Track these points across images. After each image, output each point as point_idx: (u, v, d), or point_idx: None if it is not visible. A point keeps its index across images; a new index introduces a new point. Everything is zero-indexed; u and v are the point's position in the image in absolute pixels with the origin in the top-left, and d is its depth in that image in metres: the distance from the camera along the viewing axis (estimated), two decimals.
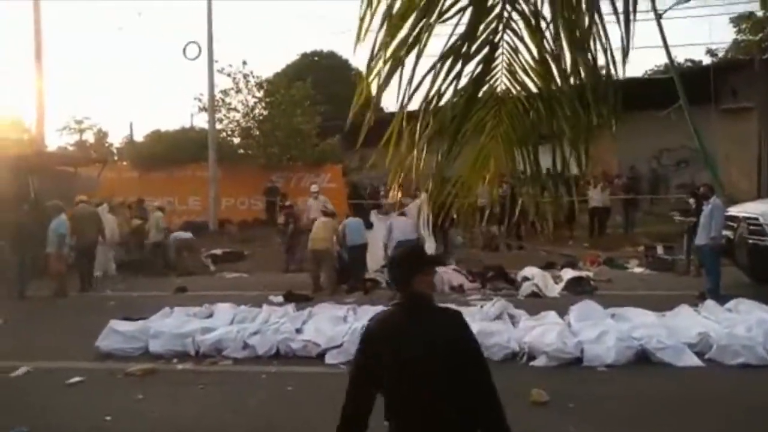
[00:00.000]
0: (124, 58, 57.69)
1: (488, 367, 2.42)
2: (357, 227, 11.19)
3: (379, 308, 7.97)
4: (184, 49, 19.48)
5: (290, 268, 12.98)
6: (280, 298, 9.73)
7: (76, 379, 6.24)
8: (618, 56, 2.35)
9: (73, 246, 11.76)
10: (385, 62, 2.37)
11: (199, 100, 19.61)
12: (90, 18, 47.79)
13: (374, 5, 2.34)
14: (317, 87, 20.64)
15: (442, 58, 2.42)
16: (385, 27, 2.34)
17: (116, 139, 31.20)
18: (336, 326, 7.39)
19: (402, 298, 2.52)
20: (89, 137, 29.12)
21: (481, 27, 2.48)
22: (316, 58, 28.59)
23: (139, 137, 26.84)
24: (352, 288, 10.63)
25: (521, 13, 2.53)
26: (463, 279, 10.61)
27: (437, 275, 10.75)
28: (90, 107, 77.47)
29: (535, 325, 7.07)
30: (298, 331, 7.29)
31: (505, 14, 2.51)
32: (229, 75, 19.43)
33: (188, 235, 14.27)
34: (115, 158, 25.43)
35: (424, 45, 2.33)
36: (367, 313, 7.78)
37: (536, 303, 8.86)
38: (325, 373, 6.38)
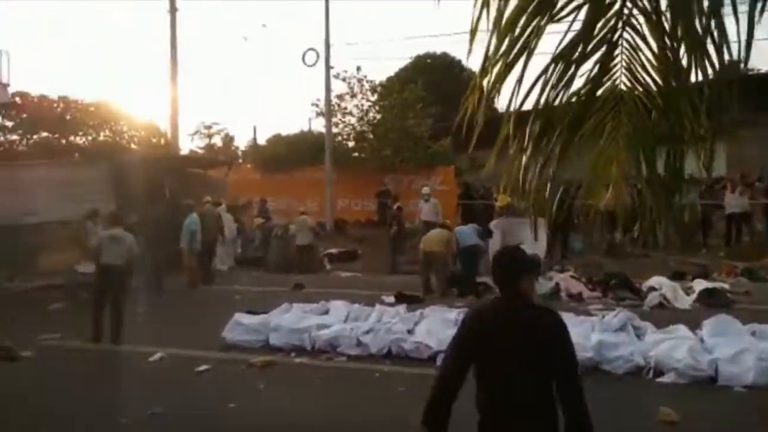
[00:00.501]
0: (249, 67, 61.35)
1: (578, 373, 2.59)
2: (468, 231, 11.11)
3: None
4: (303, 56, 20.30)
5: (396, 270, 13.11)
6: (392, 299, 9.83)
7: (204, 367, 6.67)
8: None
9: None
10: (497, 64, 2.33)
11: (317, 105, 20.41)
12: (219, 29, 51.28)
13: (488, 6, 2.30)
14: (429, 89, 20.70)
15: (557, 58, 2.33)
16: (497, 28, 2.29)
17: (242, 143, 33.15)
18: (447, 329, 7.30)
19: (504, 294, 2.67)
20: (217, 141, 31.16)
21: (599, 25, 2.36)
22: (428, 60, 28.68)
23: (262, 141, 28.37)
24: (464, 292, 10.52)
25: (642, 10, 2.37)
26: (582, 287, 10.15)
27: (555, 282, 10.38)
28: (218, 113, 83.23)
29: (663, 339, 6.58)
30: (410, 332, 7.31)
31: (625, 11, 2.37)
32: (344, 80, 20.05)
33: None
34: (240, 161, 27.01)
35: (535, 46, 2.27)
36: None
37: (664, 315, 8.27)
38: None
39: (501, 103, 2.54)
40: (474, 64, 2.48)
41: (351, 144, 20.90)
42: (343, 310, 8.30)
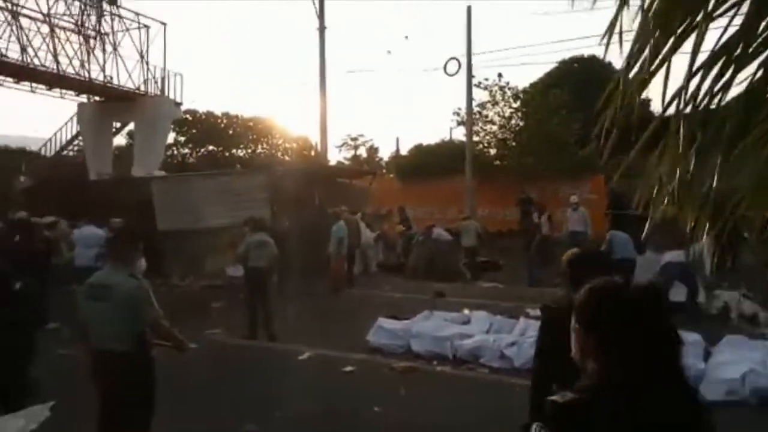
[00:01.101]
0: (393, 79, 63.11)
1: None
2: (624, 241, 10.38)
3: None
4: (445, 66, 20.42)
5: (540, 281, 12.59)
6: (537, 312, 9.45)
7: (349, 368, 6.89)
8: None
9: None
10: (644, 65, 2.14)
11: (458, 114, 20.42)
12: (364, 44, 53.38)
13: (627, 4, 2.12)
14: (576, 94, 19.81)
15: (712, 59, 2.07)
16: (644, 27, 2.10)
17: (385, 154, 34.17)
18: None
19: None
20: (363, 152, 32.39)
21: (763, 24, 2.06)
22: (575, 65, 27.50)
23: (404, 151, 29.01)
24: None
25: None
26: (757, 308, 9.04)
27: (723, 301, 9.40)
28: (364, 125, 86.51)
29: None
30: None
31: None
32: (485, 88, 19.86)
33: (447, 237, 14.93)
34: (384, 171, 27.81)
35: (692, 44, 2.04)
36: None
37: None
38: None
39: (651, 107, 2.32)
40: (620, 66, 2.30)
41: (492, 152, 20.61)
42: (486, 320, 8.15)
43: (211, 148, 28.34)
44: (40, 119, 66.77)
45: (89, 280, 4.05)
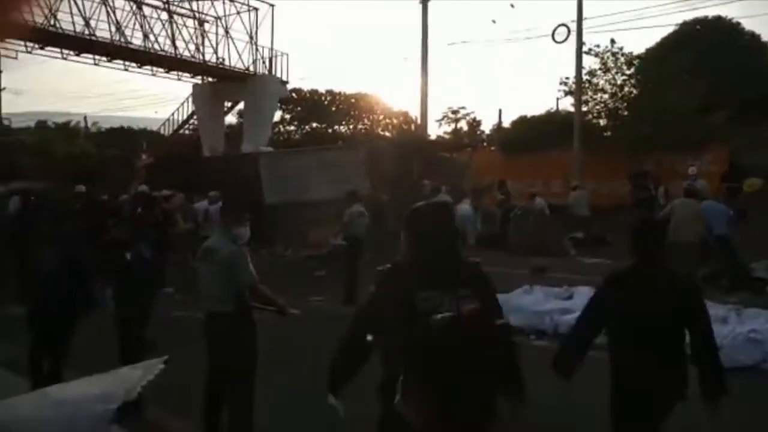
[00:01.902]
0: (497, 50, 61.40)
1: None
2: (717, 212, 9.45)
3: None
4: (553, 33, 19.50)
5: None
6: None
7: None
8: None
9: None
10: None
11: (565, 84, 19.48)
12: (465, 15, 52.27)
13: None
14: (700, 58, 18.24)
15: None
16: None
17: (487, 127, 33.45)
18: (715, 328, 6.40)
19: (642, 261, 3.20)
20: (463, 126, 31.90)
21: None
22: (698, 27, 25.26)
23: (507, 123, 28.25)
24: (734, 286, 9.09)
25: None
26: None
27: None
28: (466, 98, 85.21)
29: None
30: None
31: None
32: (596, 55, 18.76)
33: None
34: (485, 144, 27.27)
35: None
36: (755, 317, 6.55)
37: None
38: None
39: None
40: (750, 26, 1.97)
41: (602, 122, 19.52)
42: (589, 296, 7.79)
43: (315, 125, 29.14)
44: (159, 102, 71.77)
45: (203, 244, 4.37)
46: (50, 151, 29.65)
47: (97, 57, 21.02)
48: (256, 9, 22.78)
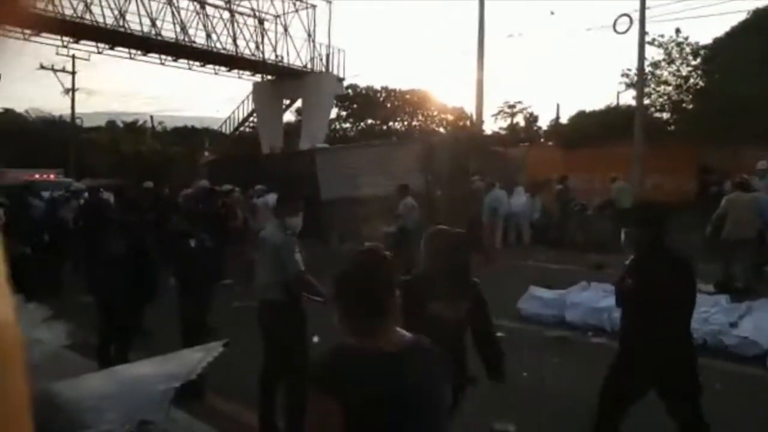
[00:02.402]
0: (556, 43, 60.03)
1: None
2: None
3: None
4: (615, 23, 18.88)
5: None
6: (710, 288, 8.58)
7: (500, 334, 6.81)
8: None
9: None
10: None
11: (626, 76, 18.87)
12: (524, 7, 51.29)
13: None
14: None
15: None
16: None
17: (544, 122, 32.80)
18: None
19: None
20: (520, 120, 31.38)
21: None
22: None
23: (565, 119, 27.60)
24: None
25: None
26: None
27: None
28: (523, 92, 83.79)
29: None
30: (733, 325, 6.30)
31: None
32: (660, 45, 18.06)
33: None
34: (542, 139, 26.75)
35: None
36: None
37: None
38: (764, 378, 5.36)
39: None
40: None
41: (665, 116, 18.79)
42: None
43: (370, 121, 29.32)
44: (220, 101, 73.84)
45: (261, 235, 4.53)
46: (119, 149, 31.13)
47: (163, 56, 21.86)
48: (314, 6, 23.16)
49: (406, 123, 29.06)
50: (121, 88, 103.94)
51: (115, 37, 19.99)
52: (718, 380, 5.31)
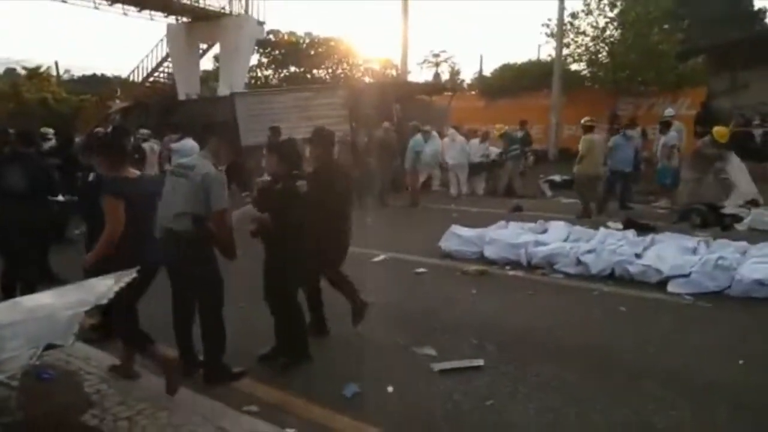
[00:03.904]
0: None
1: None
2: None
3: (741, 244, 6.82)
4: None
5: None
6: (619, 225, 9.09)
7: (421, 270, 6.97)
8: None
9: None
10: None
11: (547, 26, 19.20)
12: None
13: None
14: (681, 3, 18.08)
15: None
16: None
17: (467, 76, 33.08)
18: (683, 255, 6.57)
19: None
20: (444, 71, 31.47)
21: None
22: None
23: (488, 72, 27.92)
24: (706, 222, 9.34)
25: None
26: None
27: None
28: (447, 44, 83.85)
29: None
30: (638, 255, 6.71)
31: None
32: None
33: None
34: (465, 88, 27.00)
35: None
36: (724, 247, 6.73)
37: None
38: (664, 300, 5.79)
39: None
40: None
41: (582, 66, 19.38)
42: (564, 230, 7.92)
43: (293, 69, 28.49)
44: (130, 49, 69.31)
45: (179, 161, 4.31)
46: (22, 98, 28.80)
47: None
48: None
49: (331, 71, 28.46)
50: (18, 35, 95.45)
51: None
52: (621, 304, 5.69)
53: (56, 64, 33.97)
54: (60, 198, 5.02)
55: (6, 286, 4.83)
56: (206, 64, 27.59)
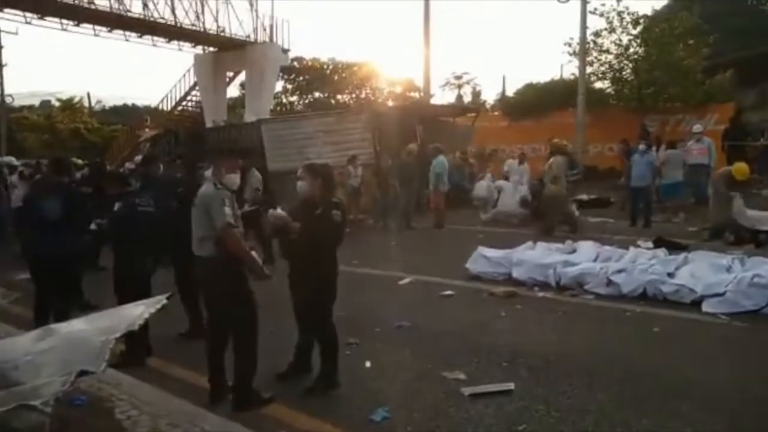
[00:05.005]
0: (501, 14, 60.52)
1: None
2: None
3: None
4: None
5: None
6: (650, 244, 8.92)
7: (449, 292, 6.92)
8: None
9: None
10: None
11: (569, 45, 19.18)
12: None
13: None
14: (707, 18, 17.92)
15: None
16: None
17: (490, 96, 33.16)
18: (717, 274, 6.40)
19: None
20: (467, 93, 31.59)
21: None
22: None
23: (510, 92, 27.94)
24: (741, 239, 9.09)
25: None
26: None
27: None
28: (469, 65, 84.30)
29: None
30: (670, 275, 6.56)
31: None
32: (602, 15, 18.41)
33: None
34: (488, 108, 27.01)
35: None
36: (759, 264, 6.54)
37: None
38: (699, 320, 5.64)
39: None
40: None
41: (606, 84, 19.26)
42: (593, 250, 7.78)
43: (317, 94, 28.90)
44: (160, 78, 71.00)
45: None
46: (55, 128, 29.73)
47: (97, 27, 20.85)
48: None
49: (354, 96, 28.79)
50: (54, 65, 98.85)
51: (43, 6, 18.91)
52: (656, 324, 5.55)
53: (88, 95, 35.05)
54: (92, 226, 5.13)
55: (39, 313, 4.93)
56: (233, 91, 28.22)
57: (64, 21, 20.24)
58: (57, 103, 33.93)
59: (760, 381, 4.21)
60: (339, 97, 28.45)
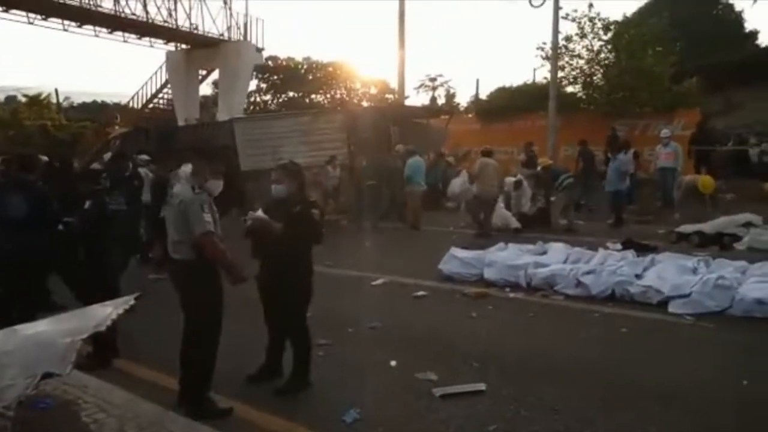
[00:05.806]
0: (474, 17, 61.06)
1: None
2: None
3: (740, 263, 6.80)
4: None
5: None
6: (618, 246, 9.08)
7: (422, 293, 6.95)
8: None
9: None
10: None
11: (542, 49, 19.40)
12: None
13: None
14: (675, 25, 18.32)
15: None
16: None
17: (463, 99, 33.36)
18: (683, 275, 6.56)
19: None
20: (441, 94, 31.74)
21: None
22: None
23: (484, 95, 28.16)
24: (704, 242, 9.33)
25: None
26: None
27: None
28: (443, 67, 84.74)
29: None
30: (638, 276, 6.69)
31: None
32: (573, 20, 18.67)
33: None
34: (461, 111, 27.18)
35: None
36: (724, 266, 6.72)
37: None
38: (665, 321, 5.77)
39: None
40: None
41: (578, 88, 19.55)
42: (563, 251, 7.91)
43: (291, 94, 28.75)
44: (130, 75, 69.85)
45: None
46: (22, 125, 28.94)
47: (66, 22, 20.39)
48: None
49: (329, 96, 28.72)
50: (21, 61, 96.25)
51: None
52: (624, 325, 5.66)
53: (56, 91, 34.18)
54: (60, 227, 5.00)
55: (3, 314, 4.79)
56: (205, 89, 27.87)
57: (31, 15, 19.74)
58: (23, 99, 33.03)
59: (725, 380, 4.32)
60: (313, 96, 28.35)
